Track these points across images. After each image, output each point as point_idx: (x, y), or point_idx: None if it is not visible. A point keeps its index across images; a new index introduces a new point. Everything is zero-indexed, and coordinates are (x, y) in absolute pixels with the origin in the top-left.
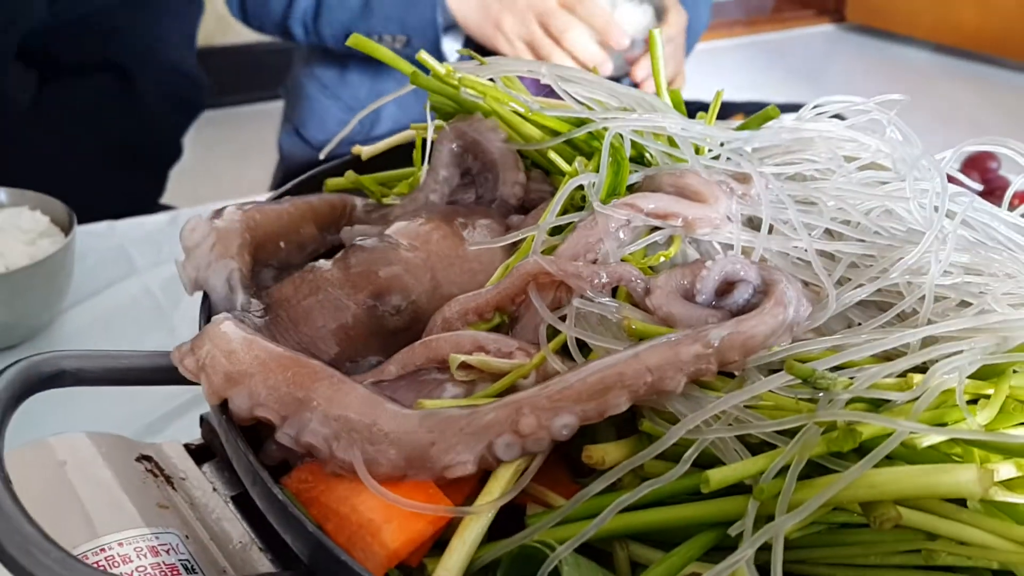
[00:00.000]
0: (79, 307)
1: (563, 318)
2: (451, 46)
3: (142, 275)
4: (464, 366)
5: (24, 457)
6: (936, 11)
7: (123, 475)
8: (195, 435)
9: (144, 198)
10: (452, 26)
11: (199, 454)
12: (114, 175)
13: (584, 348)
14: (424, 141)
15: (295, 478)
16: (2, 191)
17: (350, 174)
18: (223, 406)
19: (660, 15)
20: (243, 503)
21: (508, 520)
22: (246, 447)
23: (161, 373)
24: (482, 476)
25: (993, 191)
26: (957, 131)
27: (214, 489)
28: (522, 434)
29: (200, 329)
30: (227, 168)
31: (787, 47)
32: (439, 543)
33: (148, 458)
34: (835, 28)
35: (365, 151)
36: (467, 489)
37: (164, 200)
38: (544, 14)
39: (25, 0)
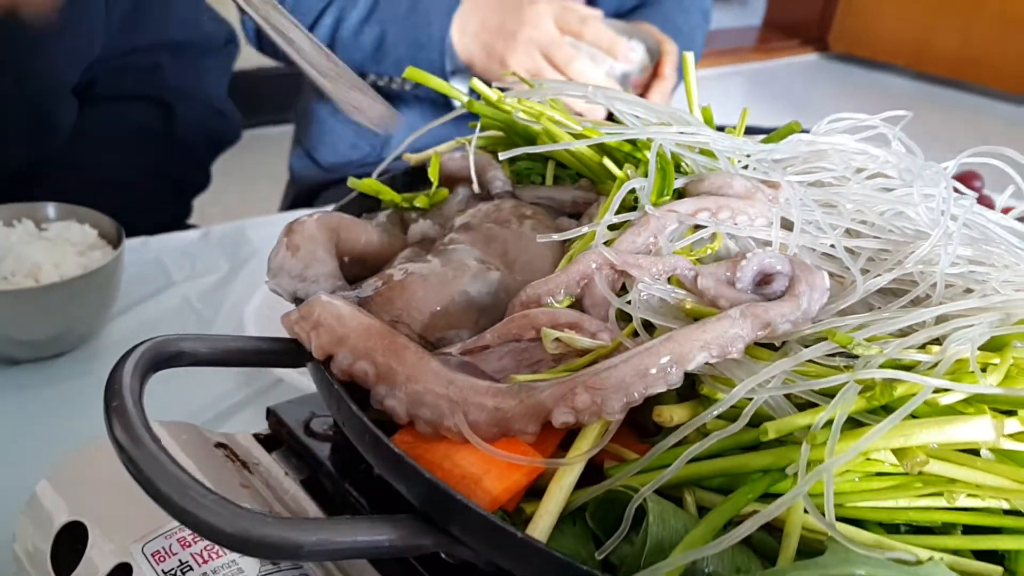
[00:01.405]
0: (124, 316)
1: (628, 303)
2: (458, 89)
3: (180, 287)
4: (556, 340)
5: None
6: (917, 40)
7: (204, 460)
8: (253, 429)
9: (173, 221)
10: (459, 69)
11: (267, 443)
12: (148, 198)
13: (650, 328)
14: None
15: (397, 440)
16: (51, 206)
17: (371, 183)
18: (327, 368)
19: (652, 52)
20: (312, 487)
21: (587, 475)
22: (359, 409)
23: (263, 355)
24: (566, 434)
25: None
26: (937, 154)
27: (286, 474)
28: (577, 409)
29: None
30: (235, 191)
31: (773, 75)
32: (531, 491)
33: (224, 445)
34: (819, 57)
35: (414, 158)
36: (554, 444)
37: None
38: (547, 46)
39: (89, 38)
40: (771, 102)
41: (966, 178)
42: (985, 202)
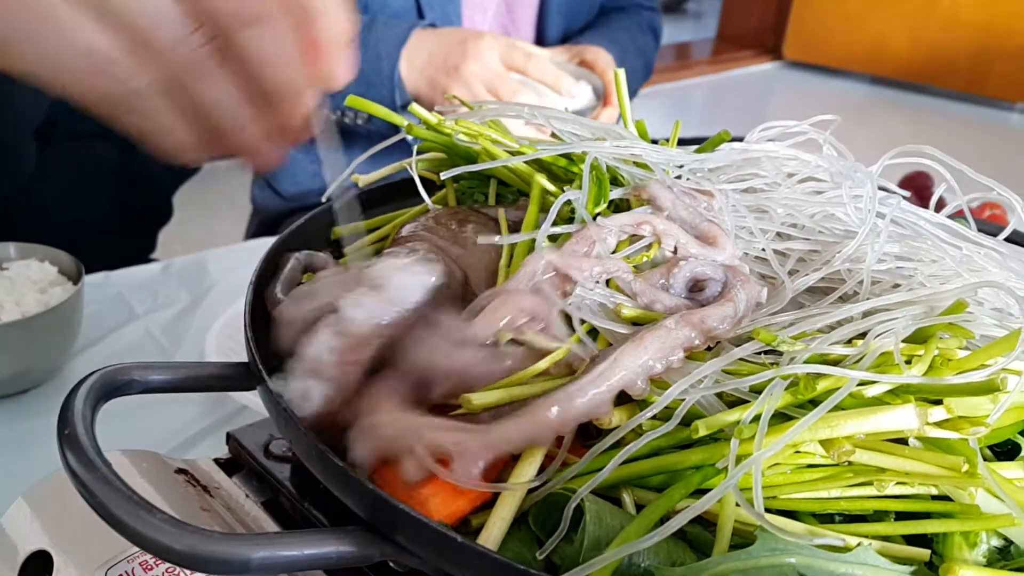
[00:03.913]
0: (87, 352)
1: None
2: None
3: (142, 320)
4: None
5: None
6: (869, 45)
7: (165, 486)
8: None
9: (137, 255)
10: (408, 103)
11: (228, 467)
12: (112, 234)
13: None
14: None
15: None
16: (12, 245)
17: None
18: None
19: (599, 93)
20: (273, 508)
21: None
22: (305, 428)
23: (214, 380)
24: None
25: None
26: (896, 157)
27: (247, 496)
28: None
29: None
30: (198, 223)
31: (730, 86)
32: None
33: (184, 471)
34: (775, 66)
35: (363, 179)
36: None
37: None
38: (491, 81)
39: None
40: (729, 113)
41: (917, 178)
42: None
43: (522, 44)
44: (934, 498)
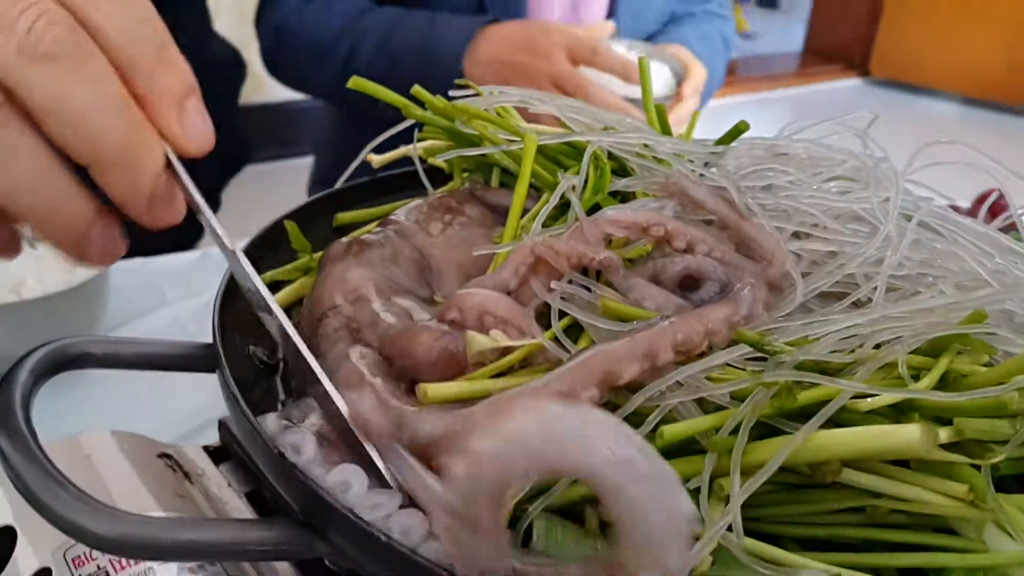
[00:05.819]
0: (112, 335)
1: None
2: None
3: (172, 306)
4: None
5: (54, 450)
6: (962, 63)
7: (143, 468)
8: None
9: (182, 245)
10: None
11: (217, 455)
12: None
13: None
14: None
15: None
16: None
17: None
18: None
19: (677, 75)
20: (255, 499)
21: None
22: (249, 411)
23: (176, 359)
24: None
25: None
26: (984, 181)
27: (229, 485)
28: None
29: None
30: (258, 221)
31: (813, 101)
32: None
33: (168, 455)
34: (861, 82)
35: (376, 159)
36: None
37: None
38: (559, 77)
39: None
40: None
41: (990, 195)
42: (998, 209)
43: (588, 36)
44: (935, 530)
